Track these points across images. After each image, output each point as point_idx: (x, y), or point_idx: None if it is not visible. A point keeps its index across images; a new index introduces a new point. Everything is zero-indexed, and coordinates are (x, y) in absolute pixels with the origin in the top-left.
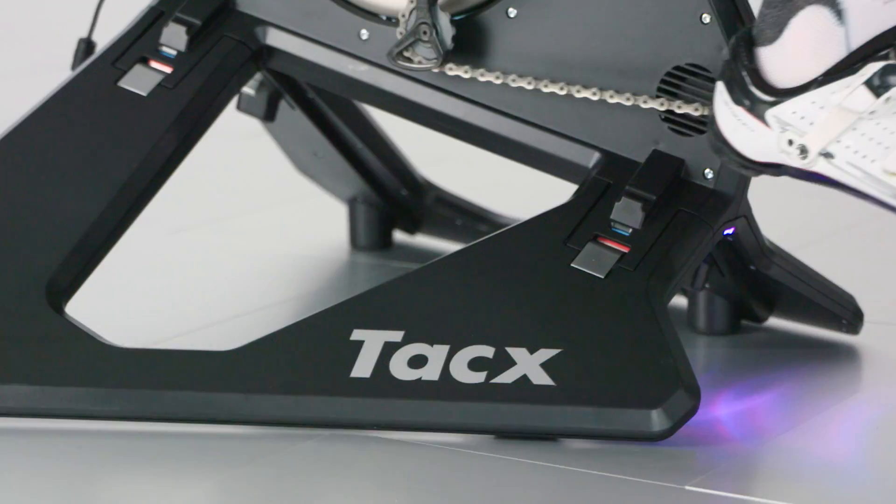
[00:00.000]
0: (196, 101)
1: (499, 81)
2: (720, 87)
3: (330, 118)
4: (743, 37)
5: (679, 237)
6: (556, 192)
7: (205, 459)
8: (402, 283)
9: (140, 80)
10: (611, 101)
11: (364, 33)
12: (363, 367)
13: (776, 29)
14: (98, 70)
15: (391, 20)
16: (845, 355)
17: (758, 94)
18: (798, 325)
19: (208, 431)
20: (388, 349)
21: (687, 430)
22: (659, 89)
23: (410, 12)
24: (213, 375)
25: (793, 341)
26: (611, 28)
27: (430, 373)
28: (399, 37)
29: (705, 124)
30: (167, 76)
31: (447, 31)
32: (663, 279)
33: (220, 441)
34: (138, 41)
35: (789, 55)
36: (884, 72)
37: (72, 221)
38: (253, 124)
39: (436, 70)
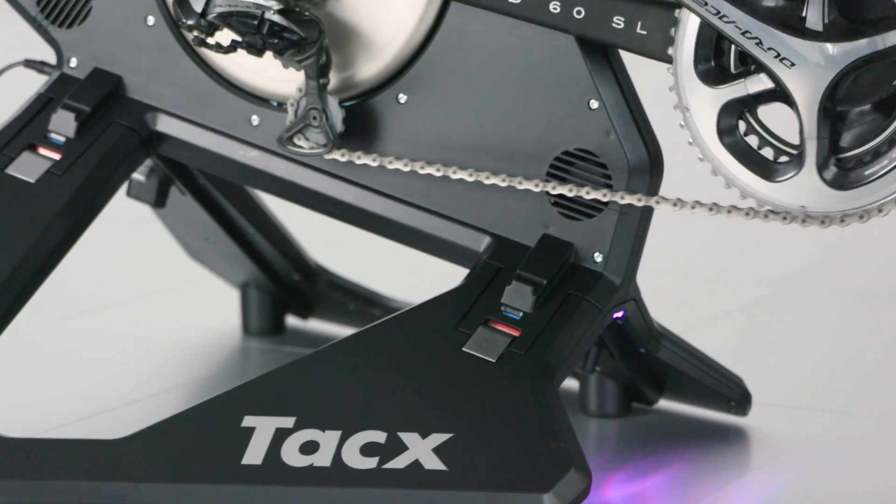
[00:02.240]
0: (85, 187)
1: (392, 166)
2: None
3: (221, 204)
4: None
5: (569, 320)
6: (447, 276)
7: None
8: (294, 368)
9: (28, 167)
10: (501, 185)
11: (254, 119)
12: (254, 454)
13: None
14: None
15: (281, 106)
16: (734, 436)
17: None
18: (688, 406)
19: None
20: (280, 435)
21: None
22: (548, 174)
23: (300, 98)
24: (102, 464)
25: (683, 423)
26: (500, 114)
27: (322, 459)
28: (289, 122)
29: (595, 208)
30: (56, 163)
31: (337, 117)
32: (554, 362)
33: None
34: (26, 128)
35: None
36: None
37: None
38: (143, 209)
39: (327, 155)
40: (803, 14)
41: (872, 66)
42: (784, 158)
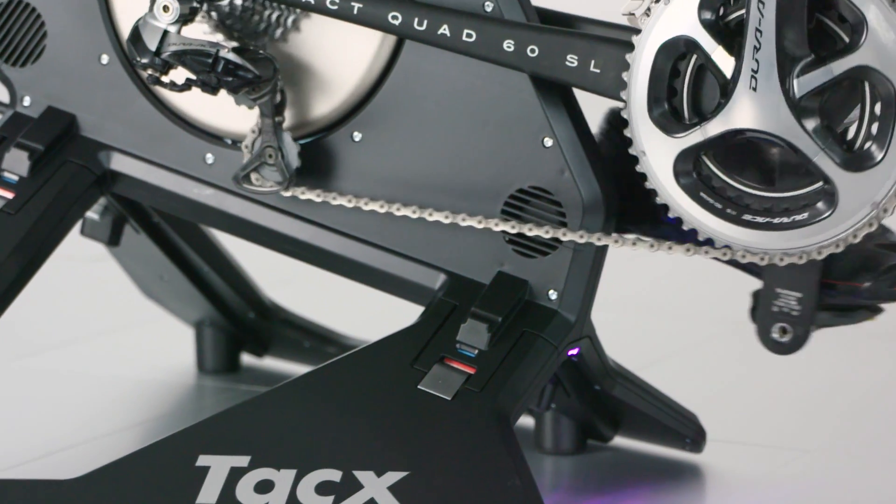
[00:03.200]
0: (39, 226)
1: (350, 205)
2: None
3: (175, 242)
4: None
5: (524, 358)
6: (403, 314)
7: None
8: (249, 407)
9: None
10: (462, 223)
11: (209, 157)
12: (209, 494)
13: None
14: None
15: (236, 144)
16: (689, 473)
17: None
18: (643, 443)
19: None
20: (235, 475)
21: None
22: (503, 211)
23: (255, 136)
24: None
25: (638, 460)
26: (455, 151)
27: (277, 498)
28: (244, 160)
29: (549, 246)
30: (9, 202)
31: (293, 155)
32: (509, 400)
33: None
34: None
35: None
36: None
37: None
38: (97, 248)
39: (283, 193)
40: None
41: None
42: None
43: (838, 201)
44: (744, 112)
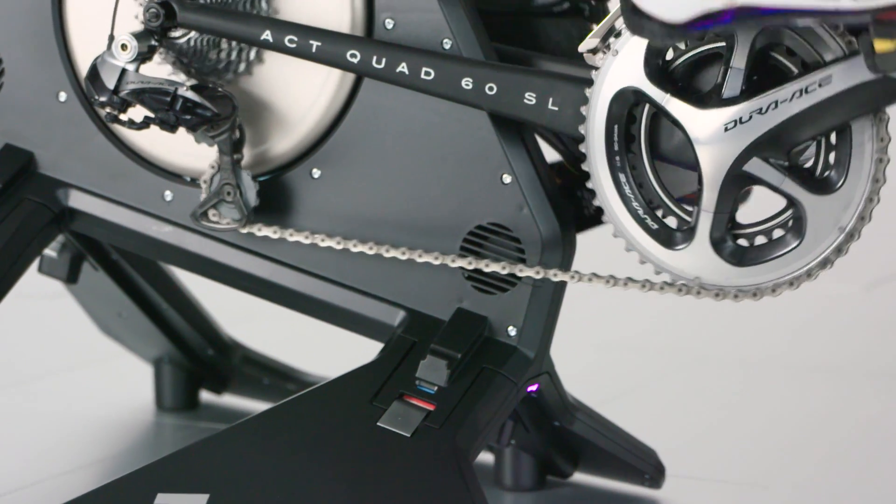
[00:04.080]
0: None
1: (307, 241)
2: None
3: (134, 279)
4: None
5: (484, 394)
6: (362, 350)
7: None
8: (208, 445)
9: None
10: (419, 260)
11: (168, 194)
12: None
13: None
14: None
15: (195, 181)
16: None
17: None
18: (602, 479)
19: None
20: None
21: None
22: (462, 248)
23: (214, 173)
24: None
25: (597, 496)
26: (414, 188)
27: None
28: (203, 198)
29: (508, 282)
30: None
31: (251, 192)
32: (469, 436)
33: None
34: None
35: None
36: None
37: None
38: (55, 285)
39: (241, 230)
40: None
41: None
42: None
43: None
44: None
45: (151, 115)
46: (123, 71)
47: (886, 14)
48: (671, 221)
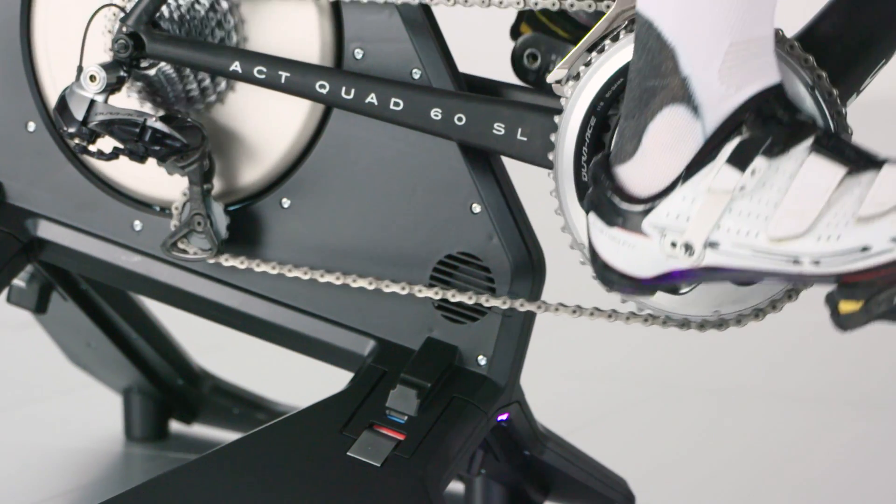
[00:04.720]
0: None
1: (275, 271)
2: (592, 219)
3: (103, 309)
4: (599, 162)
5: (454, 424)
6: (332, 379)
7: None
8: (177, 475)
9: None
10: (385, 290)
11: (137, 224)
12: None
13: (635, 140)
14: None
15: (164, 211)
16: None
17: (628, 207)
18: None
19: None
20: None
21: None
22: (432, 277)
23: (184, 203)
24: None
25: None
26: (384, 218)
27: None
28: (173, 228)
29: (478, 311)
30: None
31: (221, 222)
32: (439, 466)
33: None
34: None
35: (650, 161)
36: (740, 147)
37: None
38: (24, 315)
39: (211, 260)
40: None
41: None
42: None
43: None
44: None
45: (121, 146)
46: (92, 102)
47: (851, 277)
48: None
